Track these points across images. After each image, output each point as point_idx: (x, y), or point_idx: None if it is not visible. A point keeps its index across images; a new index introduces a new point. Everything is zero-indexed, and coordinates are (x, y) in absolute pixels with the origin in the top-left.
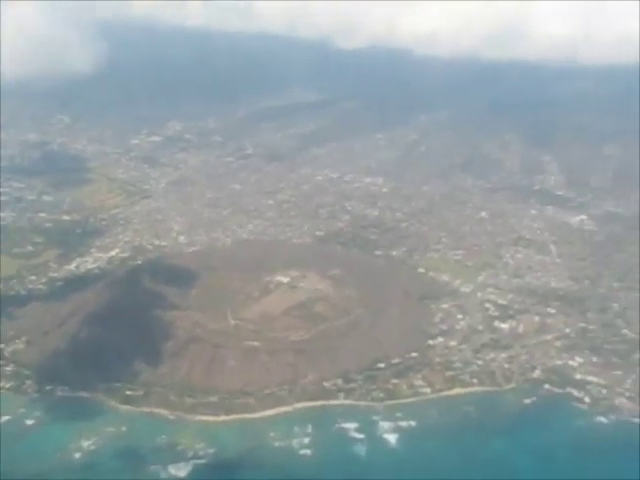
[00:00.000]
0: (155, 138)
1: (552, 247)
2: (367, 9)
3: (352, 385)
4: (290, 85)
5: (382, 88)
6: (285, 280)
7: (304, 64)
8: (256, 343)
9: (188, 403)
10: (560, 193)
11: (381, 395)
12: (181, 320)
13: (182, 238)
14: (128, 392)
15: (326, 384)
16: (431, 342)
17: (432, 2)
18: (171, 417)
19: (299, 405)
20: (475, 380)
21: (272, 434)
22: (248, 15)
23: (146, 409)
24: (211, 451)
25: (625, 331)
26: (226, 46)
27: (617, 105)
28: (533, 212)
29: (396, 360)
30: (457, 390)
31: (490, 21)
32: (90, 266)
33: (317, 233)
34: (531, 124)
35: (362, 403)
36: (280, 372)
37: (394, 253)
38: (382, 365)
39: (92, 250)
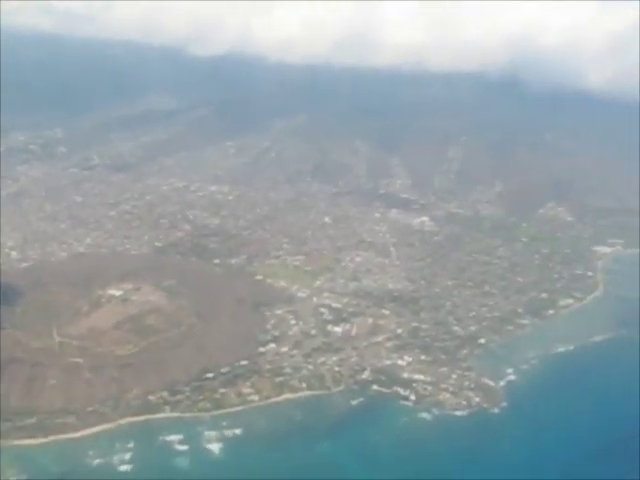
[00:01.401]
0: None
1: (392, 249)
2: (222, 16)
3: (179, 397)
4: (143, 93)
5: (235, 95)
6: (117, 293)
7: (158, 71)
8: (80, 360)
9: (3, 428)
10: (405, 196)
11: (208, 405)
12: (1, 340)
13: (14, 254)
14: None
15: (152, 397)
16: (262, 349)
17: (285, 9)
18: None
19: (123, 421)
20: (304, 385)
21: (92, 453)
22: (101, 21)
23: None
24: (23, 477)
25: (456, 328)
26: (78, 52)
27: (461, 109)
28: (377, 215)
29: (225, 369)
30: (286, 396)
31: (341, 28)
32: None
33: (156, 244)
34: (380, 129)
35: (188, 415)
36: (104, 388)
37: (233, 261)
38: (211, 375)
39: None
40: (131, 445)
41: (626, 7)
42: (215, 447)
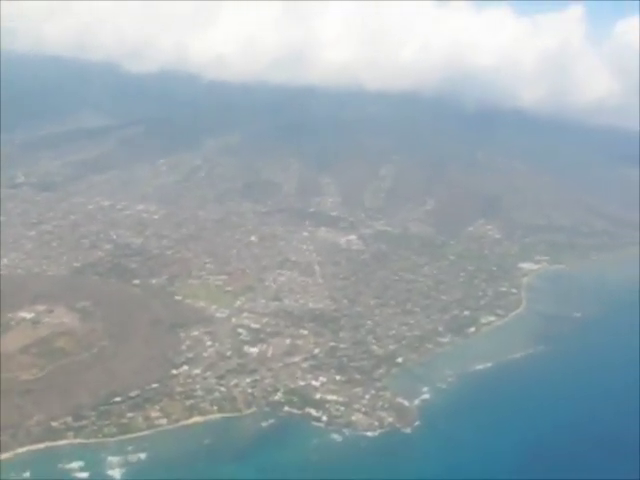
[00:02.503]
0: None
1: (317, 268)
2: (157, 33)
3: (83, 422)
4: (74, 110)
5: (169, 113)
6: (29, 316)
7: (90, 88)
8: None
9: None
10: (335, 214)
11: (114, 430)
12: None
13: None
14: None
15: (54, 424)
16: (175, 371)
17: (221, 27)
18: None
19: (22, 450)
20: (215, 407)
21: None
22: (33, 36)
23: None
24: None
25: (374, 347)
26: (7, 68)
27: (395, 127)
28: (305, 234)
29: (135, 392)
30: (195, 419)
31: (277, 46)
32: None
33: (74, 264)
34: (314, 147)
35: (93, 440)
36: (3, 416)
37: (154, 281)
38: (119, 399)
39: None
40: (27, 475)
41: (558, 26)
42: (117, 473)
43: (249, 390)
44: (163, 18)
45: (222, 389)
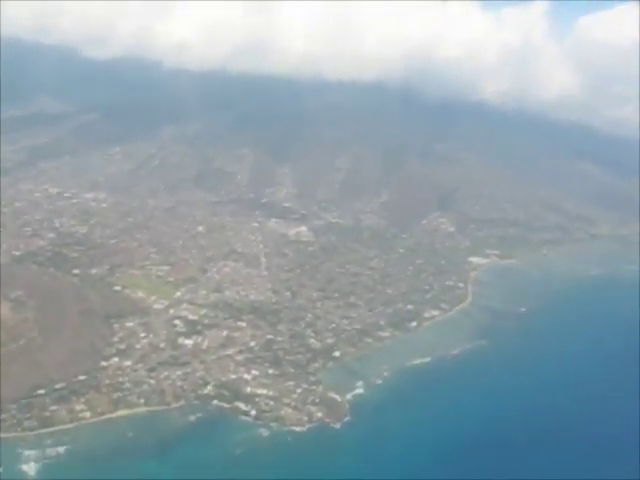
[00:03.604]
0: None
1: (263, 260)
2: (118, 18)
3: (3, 416)
4: (30, 95)
5: (127, 100)
6: None
7: (47, 73)
8: None
9: None
10: (287, 205)
11: (35, 424)
12: None
13: None
14: None
15: None
16: (104, 363)
17: (183, 13)
18: None
19: None
20: (142, 400)
21: None
22: None
23: None
24: None
25: (312, 341)
26: None
27: (355, 119)
28: (254, 225)
29: (60, 385)
30: (121, 412)
31: (239, 34)
32: None
33: (14, 253)
34: (272, 137)
35: (11, 434)
36: None
37: (94, 271)
38: (43, 391)
39: None
40: None
41: (522, 21)
42: (31, 467)
43: (179, 383)
44: (125, 3)
45: (152, 382)
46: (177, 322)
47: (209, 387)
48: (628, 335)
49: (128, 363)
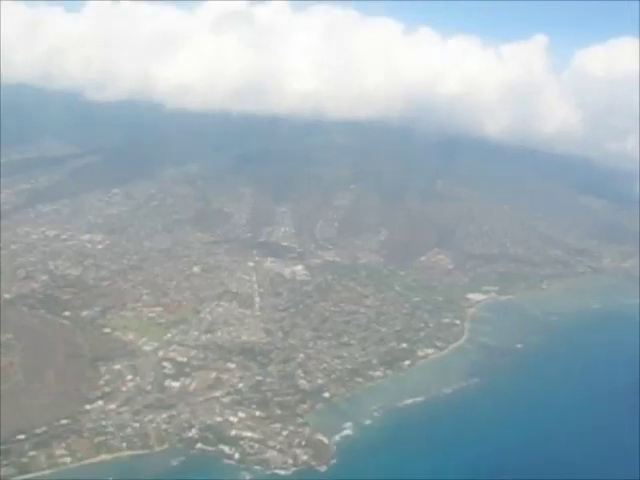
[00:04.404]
0: None
1: (257, 299)
2: (120, 62)
3: None
4: (35, 138)
5: (129, 141)
6: None
7: (53, 116)
8: None
9: None
10: (285, 244)
11: (12, 470)
12: None
13: None
14: None
15: None
16: (88, 407)
17: (184, 56)
18: None
19: None
20: (125, 444)
21: None
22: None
23: None
24: None
25: (302, 381)
26: None
27: (356, 157)
28: (250, 264)
29: (42, 429)
30: (103, 456)
31: (239, 75)
32: None
33: (5, 296)
34: (272, 177)
35: None
36: None
37: (84, 313)
38: (22, 437)
39: None
40: None
41: (522, 56)
42: None
43: (164, 426)
44: (127, 47)
45: (136, 425)
46: (165, 364)
47: (194, 430)
48: (628, 371)
49: (112, 406)
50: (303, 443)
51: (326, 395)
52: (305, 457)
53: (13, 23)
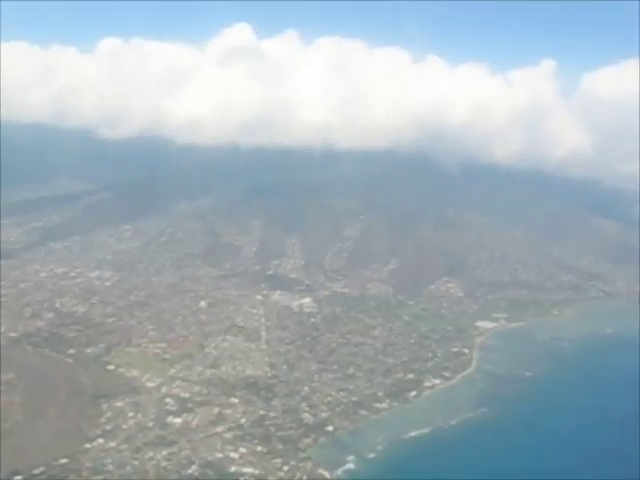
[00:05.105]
0: None
1: (263, 333)
2: (131, 99)
3: None
4: (46, 177)
5: (140, 178)
6: None
7: (65, 155)
8: None
9: None
10: (294, 276)
11: None
12: None
13: None
14: None
15: None
16: (88, 445)
17: (194, 91)
18: None
19: None
20: None
21: None
22: (14, 104)
23: None
24: None
25: (306, 415)
26: None
27: (366, 187)
28: (258, 298)
29: (39, 470)
30: None
31: (250, 109)
32: None
33: (11, 334)
34: (282, 209)
35: None
36: None
37: (89, 350)
38: (19, 478)
39: None
40: None
41: (531, 81)
42: None
43: (164, 463)
44: (138, 85)
45: (135, 463)
46: (168, 400)
47: (194, 467)
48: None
49: (113, 444)
50: (304, 478)
51: (329, 429)
52: None
53: (28, 65)
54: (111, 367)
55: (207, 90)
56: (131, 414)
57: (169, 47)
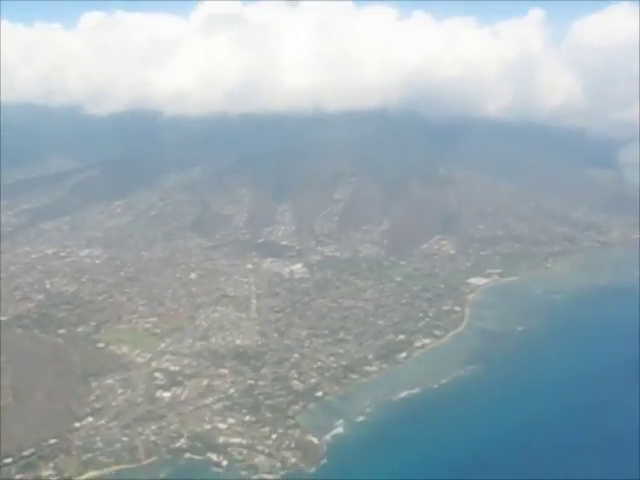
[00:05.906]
0: None
1: (254, 302)
2: (118, 72)
3: None
4: (35, 157)
5: (130, 152)
6: None
7: (54, 133)
8: None
9: None
10: (285, 243)
11: None
12: None
13: None
14: None
15: None
16: (77, 424)
17: (179, 62)
18: None
19: None
20: (113, 459)
21: None
22: (4, 85)
23: None
24: None
25: (295, 382)
26: None
27: (357, 148)
28: (249, 266)
29: (29, 451)
30: (90, 474)
31: (236, 76)
32: None
33: (1, 318)
34: (271, 175)
35: None
36: None
37: (79, 329)
38: (9, 460)
39: None
40: None
41: (520, 32)
42: None
43: (152, 438)
44: (123, 58)
45: (124, 439)
46: (157, 374)
47: (182, 440)
48: (633, 348)
49: (102, 422)
50: (292, 445)
51: (319, 394)
52: (294, 459)
53: (13, 45)
54: (101, 345)
55: (193, 60)
56: (120, 391)
57: (152, 18)
